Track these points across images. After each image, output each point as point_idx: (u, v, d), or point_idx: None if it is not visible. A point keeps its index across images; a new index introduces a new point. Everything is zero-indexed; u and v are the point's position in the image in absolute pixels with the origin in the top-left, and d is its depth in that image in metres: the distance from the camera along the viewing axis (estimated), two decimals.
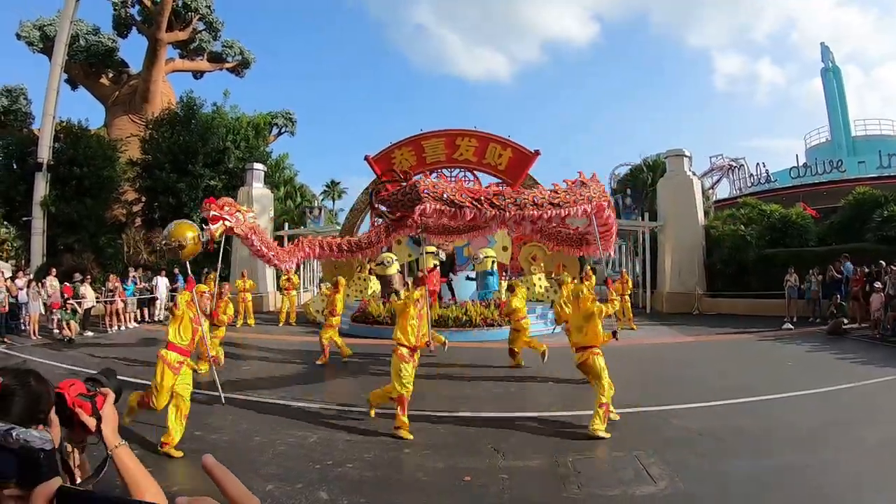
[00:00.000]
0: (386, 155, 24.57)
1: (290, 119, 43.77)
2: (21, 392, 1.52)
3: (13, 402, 1.50)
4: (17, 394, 1.51)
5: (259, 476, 5.86)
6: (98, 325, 18.68)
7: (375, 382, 10.55)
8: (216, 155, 28.13)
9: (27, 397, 1.53)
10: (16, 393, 1.51)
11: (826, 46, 40.84)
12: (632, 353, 14.11)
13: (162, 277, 21.62)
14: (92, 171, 26.23)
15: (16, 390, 1.52)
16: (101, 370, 1.89)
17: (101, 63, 38.58)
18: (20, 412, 1.49)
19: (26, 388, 1.54)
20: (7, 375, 1.53)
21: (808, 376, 10.40)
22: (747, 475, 5.84)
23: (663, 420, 7.80)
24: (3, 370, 1.55)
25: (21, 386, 1.54)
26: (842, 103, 38.58)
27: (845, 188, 25.52)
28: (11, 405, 1.49)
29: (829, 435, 7.24)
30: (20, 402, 1.51)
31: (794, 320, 18.59)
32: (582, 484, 5.52)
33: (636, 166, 34.50)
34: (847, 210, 22.57)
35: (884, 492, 5.47)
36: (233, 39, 44.42)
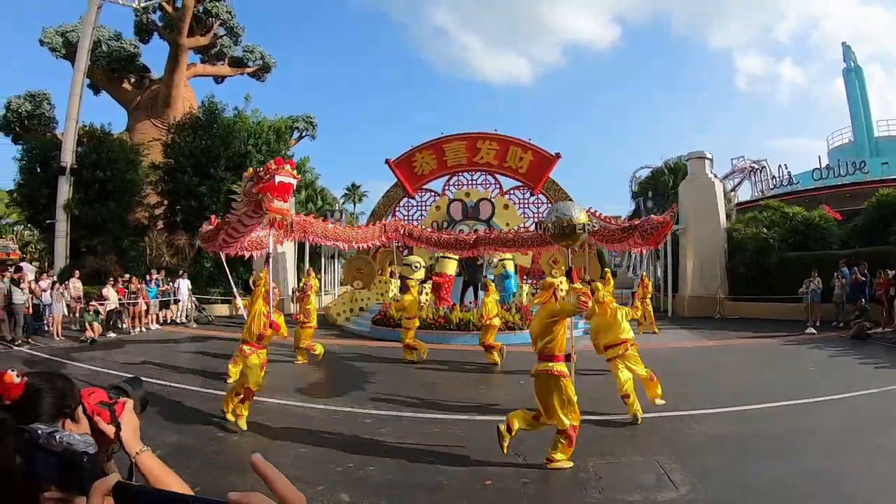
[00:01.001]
0: (407, 158, 24.67)
1: (311, 123, 44.02)
2: (47, 388, 1.58)
3: (40, 398, 1.55)
4: (42, 390, 1.57)
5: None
6: (120, 327, 18.89)
7: (394, 385, 10.62)
8: (238, 159, 28.32)
9: (53, 393, 1.58)
10: (42, 389, 1.57)
11: (848, 46, 40.44)
12: (653, 357, 13.97)
13: (183, 280, 21.83)
14: (115, 174, 26.54)
15: (41, 387, 1.57)
16: (127, 378, 1.90)
17: (123, 68, 39.09)
18: (47, 408, 1.55)
19: (51, 384, 1.60)
20: (31, 375, 1.58)
21: (831, 381, 10.29)
22: (770, 481, 5.78)
23: (685, 425, 7.74)
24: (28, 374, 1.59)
25: (46, 382, 1.60)
26: (864, 103, 38.17)
27: (868, 190, 25.19)
28: (38, 402, 1.54)
29: (853, 440, 7.15)
30: (46, 398, 1.56)
31: (818, 324, 18.39)
32: (602, 489, 5.50)
33: (657, 169, 34.33)
34: (870, 212, 22.24)
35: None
36: (253, 44, 44.83)
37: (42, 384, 1.58)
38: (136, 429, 1.70)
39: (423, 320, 16.56)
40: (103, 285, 19.05)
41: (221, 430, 7.65)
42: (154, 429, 7.35)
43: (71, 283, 19.13)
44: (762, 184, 35.80)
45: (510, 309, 16.88)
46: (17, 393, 1.49)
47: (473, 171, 24.68)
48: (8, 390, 1.49)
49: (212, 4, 38.98)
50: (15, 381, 1.49)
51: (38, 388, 1.56)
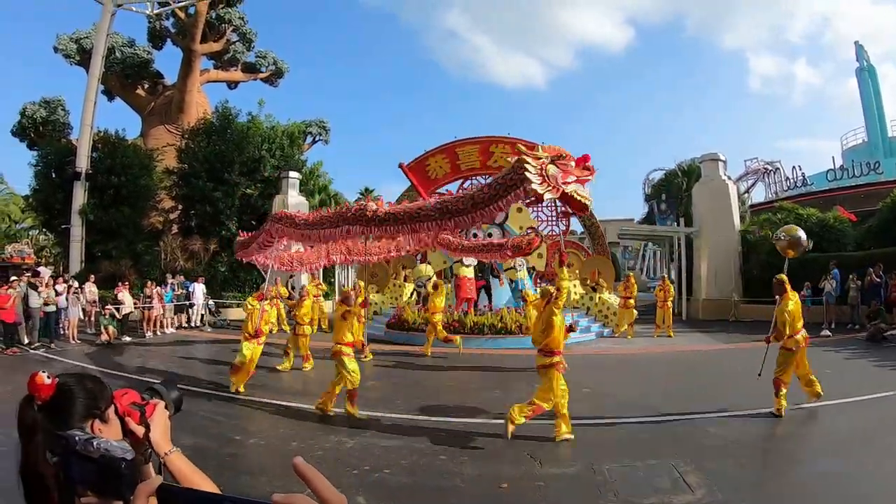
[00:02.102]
0: (420, 162, 24.70)
1: (324, 127, 44.19)
2: (78, 389, 1.60)
3: (71, 398, 1.58)
4: (73, 391, 1.59)
5: (296, 481, 5.91)
6: (136, 331, 19.03)
7: (408, 389, 10.65)
8: (252, 163, 28.51)
9: (83, 394, 1.60)
10: (73, 390, 1.59)
11: (861, 46, 40.14)
12: (668, 361, 14.02)
13: (199, 284, 21.96)
14: (129, 179, 26.79)
15: (72, 387, 1.60)
16: (162, 380, 1.92)
17: (137, 74, 39.44)
18: (78, 409, 1.57)
19: (82, 385, 1.62)
20: (62, 376, 1.61)
21: (847, 383, 10.22)
22: (786, 483, 5.77)
23: (700, 428, 7.71)
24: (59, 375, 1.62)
25: (77, 384, 1.62)
26: (878, 103, 37.86)
27: (883, 190, 24.98)
28: (69, 403, 1.57)
29: (870, 443, 7.11)
30: (77, 399, 1.59)
31: (833, 326, 18.27)
32: (618, 492, 5.49)
33: (671, 171, 34.26)
34: (885, 213, 22.03)
35: None
36: (266, 50, 45.12)
37: (73, 385, 1.61)
38: (166, 430, 1.71)
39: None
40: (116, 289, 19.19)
41: (237, 434, 7.70)
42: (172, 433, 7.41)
43: (87, 288, 19.30)
44: (776, 185, 35.59)
45: (522, 313, 16.86)
46: (47, 393, 1.52)
47: (487, 174, 24.63)
48: (39, 391, 1.51)
49: (224, 10, 39.31)
50: (46, 382, 1.52)
51: (69, 389, 1.59)
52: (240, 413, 9.03)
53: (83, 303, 18.48)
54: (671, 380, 11.60)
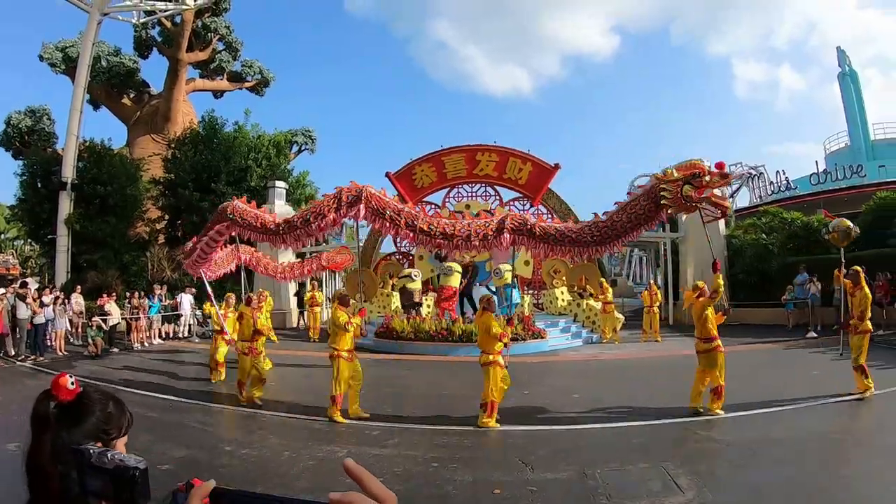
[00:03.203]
0: (407, 171, 24.73)
1: (310, 137, 44.14)
2: (97, 406, 1.59)
3: (87, 413, 1.56)
4: (92, 407, 1.58)
5: (290, 489, 5.95)
6: (123, 342, 18.91)
7: (398, 397, 10.67)
8: (238, 173, 28.47)
9: (100, 414, 1.59)
10: (92, 405, 1.58)
11: (843, 51, 40.56)
12: (656, 365, 14.10)
13: (186, 294, 21.85)
14: (115, 189, 26.70)
15: (92, 403, 1.59)
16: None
17: (123, 84, 39.31)
18: (89, 426, 1.55)
19: (103, 404, 1.61)
20: (89, 388, 1.61)
21: (835, 384, 10.30)
22: (776, 484, 5.83)
23: (690, 431, 7.79)
24: (90, 384, 1.63)
25: (99, 402, 1.61)
26: (860, 107, 38.27)
27: (866, 193, 25.27)
28: (83, 415, 1.56)
29: (859, 442, 7.22)
30: (91, 417, 1.57)
31: (818, 328, 18.44)
32: (611, 495, 5.54)
33: None
34: (868, 215, 22.28)
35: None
36: (252, 59, 45.09)
37: (94, 401, 1.60)
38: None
39: (426, 332, 16.61)
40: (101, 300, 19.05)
41: (228, 444, 7.70)
42: (161, 443, 7.41)
43: (73, 298, 19.19)
44: (760, 190, 35.86)
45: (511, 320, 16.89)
46: (65, 398, 1.52)
47: (473, 183, 24.70)
48: (59, 392, 1.52)
49: (210, 20, 39.26)
50: (69, 387, 1.52)
51: (89, 405, 1.58)
52: (230, 423, 9.04)
53: (70, 314, 18.36)
54: (660, 384, 11.67)
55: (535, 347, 16.24)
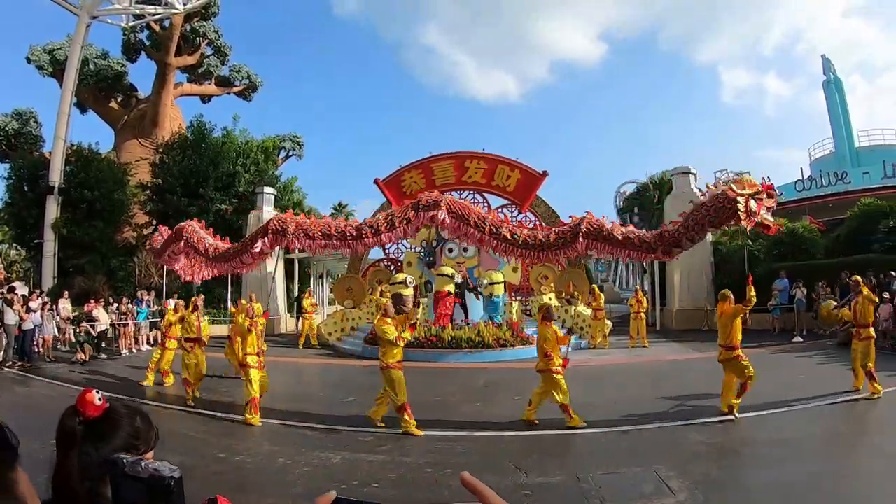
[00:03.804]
0: (395, 178, 24.81)
1: (298, 142, 44.08)
2: (125, 422, 1.59)
3: (115, 429, 1.56)
4: (121, 422, 1.58)
5: (286, 497, 5.98)
6: (111, 348, 18.80)
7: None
8: (226, 179, 28.38)
9: (129, 429, 1.59)
10: (120, 421, 1.58)
11: (828, 59, 40.96)
12: (646, 371, 14.21)
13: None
14: (103, 194, 26.56)
15: (120, 419, 1.59)
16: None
17: (111, 87, 39.12)
18: (118, 442, 1.55)
19: (131, 419, 1.62)
20: (117, 404, 1.62)
21: (821, 387, 10.47)
22: (766, 485, 5.95)
23: (681, 435, 7.89)
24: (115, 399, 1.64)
25: (127, 417, 1.61)
26: (844, 115, 38.64)
27: (851, 199, 25.58)
28: (111, 432, 1.55)
29: (846, 443, 7.36)
30: (121, 432, 1.57)
31: (804, 333, 18.64)
32: (604, 498, 5.63)
33: (643, 185, 34.70)
34: (852, 221, 22.58)
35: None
36: (240, 64, 44.97)
37: (122, 417, 1.60)
38: None
39: (417, 339, 16.62)
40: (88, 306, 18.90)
41: (222, 451, 7.70)
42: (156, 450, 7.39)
43: (60, 304, 19.05)
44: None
45: (500, 326, 16.96)
46: (92, 414, 1.53)
47: (462, 189, 24.77)
48: (86, 409, 1.53)
49: (199, 24, 39.18)
50: (96, 403, 1.53)
51: (117, 420, 1.58)
52: (224, 431, 9.02)
53: (57, 320, 18.23)
54: (649, 389, 11.78)
55: (524, 353, 16.28)
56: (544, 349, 8.93)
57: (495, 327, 16.78)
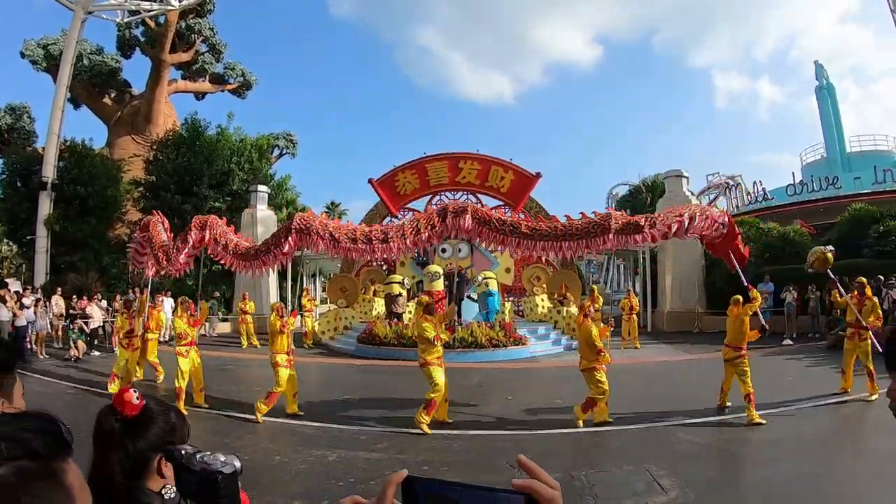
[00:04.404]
0: (389, 178, 24.86)
1: (291, 141, 44.05)
2: (160, 420, 1.68)
3: (151, 425, 1.65)
4: (156, 420, 1.67)
5: (283, 494, 6.04)
6: (104, 345, 18.79)
7: (384, 402, 10.77)
8: (220, 177, 28.34)
9: (164, 426, 1.68)
10: (155, 417, 1.67)
11: (820, 65, 41.21)
12: (637, 372, 14.32)
13: (168, 299, 21.72)
14: (96, 190, 26.46)
15: (156, 416, 1.68)
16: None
17: (105, 83, 39.02)
18: (153, 438, 1.64)
19: (166, 416, 1.71)
20: (151, 401, 1.70)
21: (810, 389, 10.62)
22: (755, 484, 6.08)
23: (672, 435, 8.00)
24: (150, 397, 1.72)
25: (162, 414, 1.70)
26: (836, 120, 38.89)
27: (841, 204, 25.80)
28: (147, 428, 1.64)
29: (834, 444, 7.49)
30: (155, 428, 1.66)
31: (794, 336, 18.81)
32: (597, 496, 5.73)
33: (635, 187, 34.86)
34: (843, 226, 22.77)
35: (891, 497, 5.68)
36: (235, 61, 44.88)
37: (158, 414, 1.68)
38: None
39: (409, 338, 16.69)
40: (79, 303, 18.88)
41: (219, 449, 7.66)
42: None
43: (53, 301, 19.03)
44: (737, 199, 36.39)
45: (493, 326, 17.03)
46: (131, 412, 1.60)
47: (455, 190, 24.87)
48: (124, 408, 1.60)
49: (195, 21, 39.13)
50: (133, 402, 1.60)
51: (153, 417, 1.66)
52: (220, 429, 9.07)
53: (50, 316, 18.22)
54: (640, 389, 11.90)
55: (516, 354, 16.40)
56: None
57: (488, 327, 16.84)
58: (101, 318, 18.73)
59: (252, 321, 20.91)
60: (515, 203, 24.29)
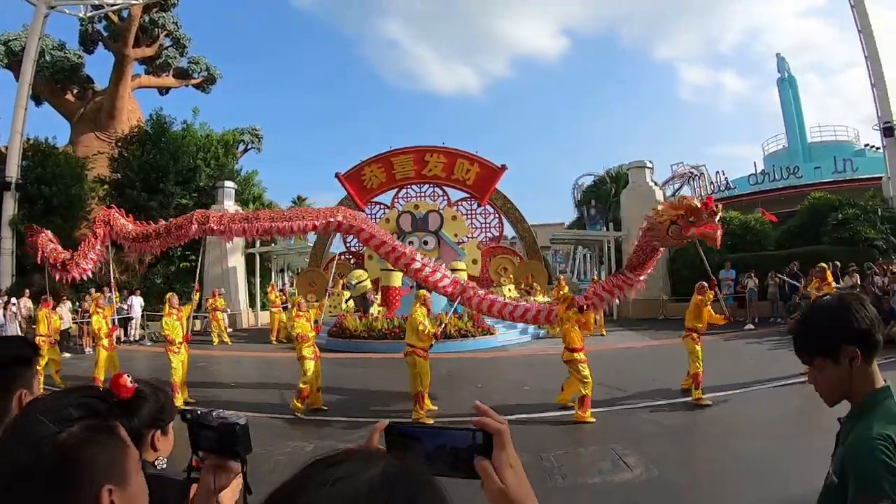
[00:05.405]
0: (356, 172, 24.86)
1: (257, 135, 43.59)
2: (151, 399, 1.92)
3: (143, 405, 1.88)
4: (147, 399, 1.90)
5: (265, 484, 6.09)
6: (74, 346, 18.64)
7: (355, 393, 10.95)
8: (187, 173, 28.03)
9: (155, 405, 1.92)
10: (147, 398, 1.90)
11: (782, 58, 41.91)
12: (602, 357, 14.62)
13: (137, 297, 21.61)
14: (60, 189, 25.95)
15: (147, 396, 1.90)
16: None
17: (67, 79, 38.13)
18: (145, 416, 1.88)
19: (156, 396, 1.94)
20: (142, 383, 1.89)
21: (769, 371, 10.99)
22: (716, 461, 6.44)
23: (637, 417, 8.34)
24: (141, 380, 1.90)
25: (152, 394, 1.93)
26: (797, 111, 39.62)
27: (802, 193, 26.51)
28: (141, 407, 1.87)
29: (792, 423, 7.86)
30: (148, 406, 1.90)
31: (756, 321, 19.34)
32: (566, 475, 6.01)
33: (600, 178, 35.28)
34: (804, 214, 23.39)
35: None
36: (199, 55, 44.24)
37: (149, 394, 1.90)
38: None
39: (379, 331, 16.86)
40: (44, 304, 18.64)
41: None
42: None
43: (21, 303, 18.83)
44: (701, 189, 37.05)
45: (462, 317, 17.22)
46: (126, 395, 1.74)
47: (422, 183, 24.97)
48: (119, 391, 1.73)
49: (158, 15, 38.45)
50: (128, 385, 1.75)
51: (145, 398, 1.88)
52: None
53: (19, 319, 18.03)
54: (606, 375, 12.15)
55: (484, 343, 16.65)
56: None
57: (457, 318, 17.04)
58: (69, 319, 18.56)
59: (222, 318, 20.85)
60: (482, 195, 24.49)
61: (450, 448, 1.00)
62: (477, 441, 0.99)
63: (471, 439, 1.00)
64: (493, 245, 24.56)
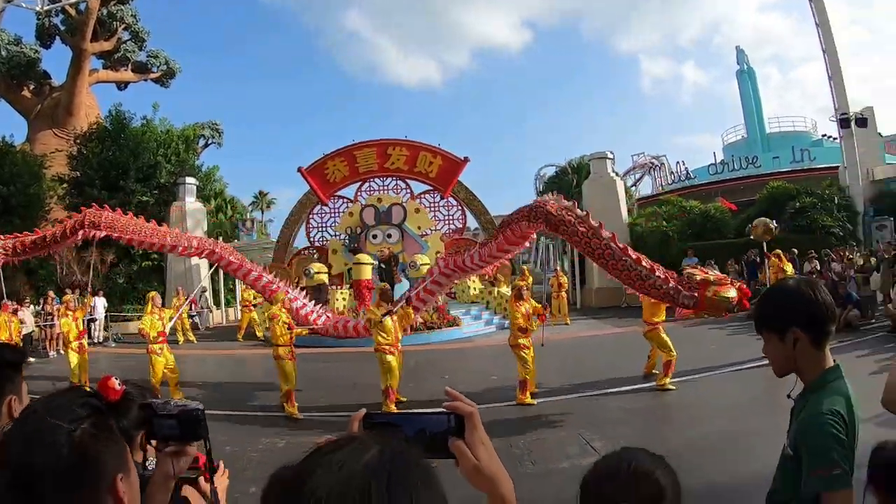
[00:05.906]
0: (319, 166, 24.75)
1: (217, 130, 43.01)
2: (139, 400, 1.90)
3: (131, 406, 1.86)
4: (135, 401, 1.89)
5: (239, 480, 6.20)
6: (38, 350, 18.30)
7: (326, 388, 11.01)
8: (147, 170, 27.52)
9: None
10: (135, 399, 1.90)
11: (741, 50, 42.67)
12: (567, 346, 14.92)
13: (100, 298, 21.24)
14: (18, 189, 25.37)
15: (135, 399, 1.90)
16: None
17: (23, 75, 37.12)
18: (132, 418, 1.86)
19: (144, 398, 1.96)
20: (129, 385, 1.89)
21: (731, 356, 11.34)
22: (682, 441, 6.68)
23: (602, 403, 8.59)
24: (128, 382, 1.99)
25: (139, 395, 1.98)
26: (756, 102, 40.37)
27: (761, 182, 27.14)
28: (129, 409, 1.85)
29: (754, 404, 8.13)
30: (135, 409, 1.88)
31: None
32: (535, 461, 6.20)
33: (561, 169, 35.56)
34: (762, 203, 23.86)
35: None
36: (158, 49, 43.49)
37: (136, 396, 1.93)
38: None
39: None
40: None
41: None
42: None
43: None
44: (661, 179, 37.68)
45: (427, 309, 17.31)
46: (114, 397, 1.72)
47: (385, 176, 25.00)
48: (108, 394, 1.70)
49: (116, 8, 37.67)
50: (116, 388, 1.73)
51: (133, 399, 1.88)
52: None
53: None
54: (571, 363, 12.50)
55: (449, 335, 16.79)
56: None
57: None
58: (32, 322, 18.20)
59: (186, 316, 20.62)
60: (444, 187, 24.59)
61: (428, 432, 1.11)
62: (451, 424, 1.11)
63: (446, 423, 1.11)
64: (457, 237, 24.61)
